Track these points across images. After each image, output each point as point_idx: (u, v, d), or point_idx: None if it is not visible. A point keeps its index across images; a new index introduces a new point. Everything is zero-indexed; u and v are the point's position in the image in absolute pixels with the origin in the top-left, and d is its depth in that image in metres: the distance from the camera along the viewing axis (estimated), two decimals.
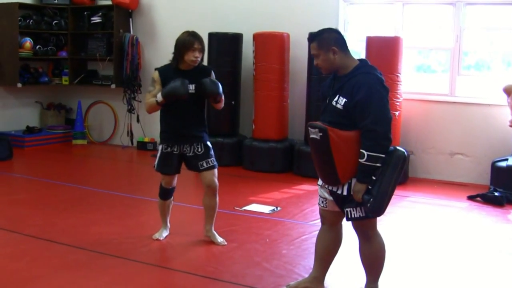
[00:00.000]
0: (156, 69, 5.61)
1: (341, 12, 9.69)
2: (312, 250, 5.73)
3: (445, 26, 9.32)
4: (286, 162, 9.46)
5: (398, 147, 4.13)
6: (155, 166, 5.70)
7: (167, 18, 10.86)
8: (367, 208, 4.06)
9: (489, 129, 8.87)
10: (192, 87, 5.43)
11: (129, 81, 10.89)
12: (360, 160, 4.01)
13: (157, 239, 5.82)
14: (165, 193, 5.81)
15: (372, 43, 8.93)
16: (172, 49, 5.54)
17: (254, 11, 10.18)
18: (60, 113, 11.88)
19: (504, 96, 8.32)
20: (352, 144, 4.05)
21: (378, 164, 4.01)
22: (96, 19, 11.19)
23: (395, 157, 4.04)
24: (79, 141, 11.52)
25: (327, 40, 4.23)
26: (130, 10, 11.06)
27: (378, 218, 4.34)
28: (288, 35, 9.56)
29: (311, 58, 9.06)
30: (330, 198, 4.36)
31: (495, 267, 5.55)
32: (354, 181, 4.12)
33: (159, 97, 5.37)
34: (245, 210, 7.09)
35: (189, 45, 5.41)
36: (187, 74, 5.46)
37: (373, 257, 4.46)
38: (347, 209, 4.23)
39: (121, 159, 10.75)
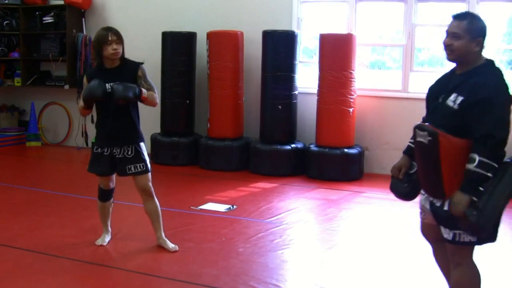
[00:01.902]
0: (84, 73, 5.49)
1: (294, 10, 9.72)
2: (269, 247, 5.82)
3: (398, 23, 9.41)
4: (242, 160, 9.47)
5: None
6: (88, 167, 5.62)
7: (120, 18, 10.78)
8: (469, 224, 3.49)
9: None
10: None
11: (82, 81, 10.76)
12: (468, 166, 3.48)
13: (101, 245, 5.70)
14: (104, 195, 5.68)
15: (326, 40, 8.98)
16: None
17: (207, 9, 10.16)
18: (13, 115, 11.72)
19: None
20: (465, 154, 3.53)
21: (489, 174, 3.46)
22: (48, 19, 11.04)
23: (511, 170, 3.51)
24: (33, 143, 11.37)
25: (480, 28, 3.72)
26: (82, 10, 10.95)
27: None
28: (242, 33, 9.56)
29: (265, 55, 9.20)
30: (428, 209, 3.86)
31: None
32: None
33: (80, 101, 5.31)
34: (201, 209, 7.08)
35: (104, 39, 5.20)
36: (113, 72, 5.27)
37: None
38: (456, 232, 3.66)
39: (76, 160, 10.65)
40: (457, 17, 3.74)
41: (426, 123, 3.72)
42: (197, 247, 5.75)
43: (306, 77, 9.74)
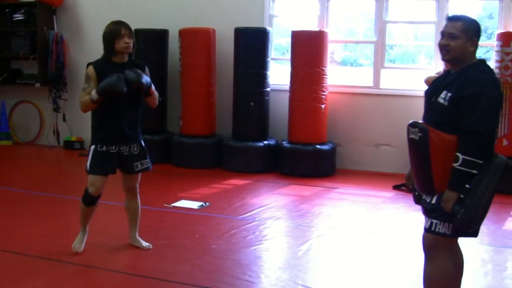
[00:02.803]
0: (89, 63, 5.25)
1: (266, 7, 9.74)
2: (242, 244, 5.83)
3: (369, 20, 9.48)
4: (215, 157, 9.47)
5: (499, 154, 3.65)
6: (88, 168, 5.30)
7: (92, 15, 10.73)
8: (456, 220, 3.59)
9: (413, 119, 9.00)
10: None
11: (54, 79, 10.72)
12: (454, 164, 3.56)
13: (77, 252, 5.42)
14: (92, 200, 5.37)
15: (298, 37, 9.03)
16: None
17: (179, 6, 10.15)
18: None
19: (426, 87, 8.51)
20: (455, 151, 3.59)
21: (474, 171, 3.54)
22: (19, 16, 10.95)
23: (494, 165, 3.56)
24: (4, 142, 11.27)
25: (474, 28, 3.79)
26: (54, 7, 10.88)
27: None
28: (214, 31, 9.57)
29: (237, 53, 9.20)
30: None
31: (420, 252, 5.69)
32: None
33: (94, 94, 5.05)
34: (174, 206, 7.08)
35: (117, 32, 5.14)
36: (122, 67, 5.17)
37: (432, 281, 3.92)
38: (433, 220, 3.76)
39: (48, 159, 10.58)
40: (452, 18, 3.82)
41: (420, 121, 3.81)
42: (170, 244, 5.76)
43: (278, 74, 9.78)
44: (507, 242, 6.13)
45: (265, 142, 9.23)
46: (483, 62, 3.82)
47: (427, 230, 3.82)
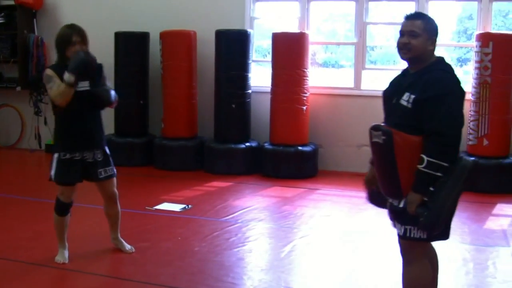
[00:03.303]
0: (47, 67, 5.21)
1: (247, 9, 9.76)
2: (225, 246, 5.83)
3: (350, 21, 9.52)
4: (197, 159, 9.46)
5: (464, 156, 3.67)
6: (53, 177, 5.21)
7: (72, 18, 10.49)
8: (419, 222, 3.54)
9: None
10: (86, 84, 5.04)
11: (35, 83, 10.67)
12: (418, 166, 3.49)
13: (63, 263, 5.26)
14: (64, 209, 5.27)
15: (279, 39, 9.05)
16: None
17: (160, 9, 10.14)
18: None
19: None
20: (420, 152, 3.53)
21: (438, 174, 3.48)
22: None
23: (459, 167, 3.52)
24: None
25: (434, 27, 3.78)
26: (34, 10, 10.83)
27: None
28: (195, 33, 9.57)
29: (218, 55, 9.21)
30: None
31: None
32: None
33: (69, 76, 4.81)
34: (156, 209, 7.07)
35: (67, 39, 5.00)
36: None
37: (411, 284, 3.88)
38: (407, 227, 3.69)
39: (29, 163, 10.53)
40: (410, 17, 3.80)
41: (382, 124, 3.73)
42: (153, 247, 5.76)
43: (260, 76, 9.79)
44: (488, 241, 6.17)
45: (247, 144, 9.25)
46: (442, 60, 3.77)
47: (402, 237, 3.75)
